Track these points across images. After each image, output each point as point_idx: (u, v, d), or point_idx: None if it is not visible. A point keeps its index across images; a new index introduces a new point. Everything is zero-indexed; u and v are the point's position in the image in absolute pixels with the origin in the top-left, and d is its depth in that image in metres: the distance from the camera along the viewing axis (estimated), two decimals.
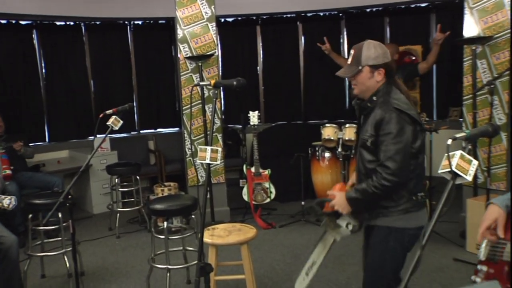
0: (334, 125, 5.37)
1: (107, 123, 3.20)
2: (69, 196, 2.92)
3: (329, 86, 7.45)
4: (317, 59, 7.03)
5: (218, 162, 2.23)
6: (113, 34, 7.27)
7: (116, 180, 5.66)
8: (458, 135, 1.79)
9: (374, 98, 2.48)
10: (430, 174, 4.98)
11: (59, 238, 4.42)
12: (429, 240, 1.75)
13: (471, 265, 4.03)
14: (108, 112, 3.24)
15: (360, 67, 2.46)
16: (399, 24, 7.18)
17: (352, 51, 2.52)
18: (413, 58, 6.29)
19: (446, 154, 1.71)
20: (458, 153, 1.71)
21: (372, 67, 2.46)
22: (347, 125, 5.36)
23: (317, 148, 5.87)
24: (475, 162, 1.72)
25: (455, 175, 1.70)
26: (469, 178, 1.70)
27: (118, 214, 5.54)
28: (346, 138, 5.29)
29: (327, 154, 5.81)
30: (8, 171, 4.90)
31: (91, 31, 7.08)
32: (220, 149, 2.24)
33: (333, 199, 2.57)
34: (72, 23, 6.87)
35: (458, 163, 1.70)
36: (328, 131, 5.30)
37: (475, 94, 4.77)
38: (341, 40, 7.44)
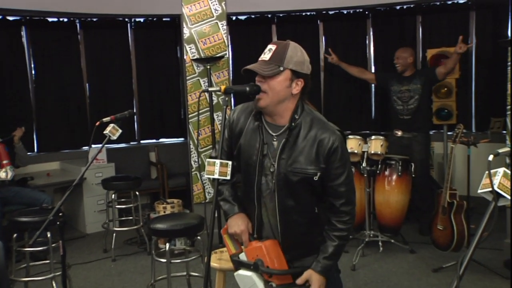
0: (358, 137, 5.35)
1: (104, 132, 3.22)
2: (60, 214, 2.92)
3: (353, 92, 7.44)
4: (334, 63, 7.03)
5: (228, 177, 2.23)
6: (111, 33, 7.35)
7: (113, 195, 5.68)
8: (501, 150, 1.78)
9: (296, 116, 2.28)
10: (468, 194, 4.93)
11: (47, 261, 4.44)
12: (467, 270, 1.74)
13: None
14: (105, 119, 3.26)
15: (281, 68, 2.22)
16: (434, 24, 7.16)
17: (272, 46, 2.28)
18: None
19: (487, 172, 1.69)
20: (501, 170, 1.70)
21: (293, 73, 2.25)
22: (373, 137, 5.34)
23: None
24: None
25: (497, 196, 1.69)
26: None
27: (114, 234, 5.56)
28: (372, 152, 5.27)
29: None
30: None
31: (87, 29, 7.16)
32: (230, 162, 2.24)
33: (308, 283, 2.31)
34: (65, 19, 6.96)
35: (501, 182, 1.69)
36: (352, 144, 5.28)
37: None
38: (367, 42, 7.44)
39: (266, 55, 2.26)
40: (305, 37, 7.48)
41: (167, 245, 3.87)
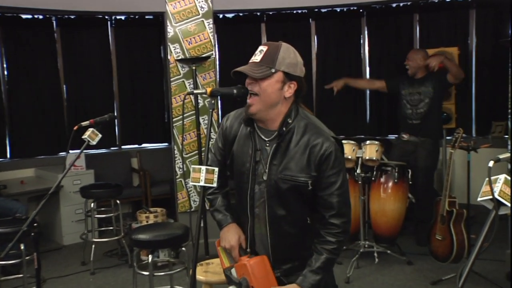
0: (352, 142, 5.37)
1: (83, 137, 3.21)
2: (35, 224, 2.91)
3: (346, 95, 7.46)
4: (333, 63, 7.06)
5: (215, 184, 2.23)
6: (90, 31, 7.32)
7: (92, 204, 5.65)
8: (502, 156, 1.79)
9: (290, 120, 2.29)
10: (468, 202, 4.96)
11: (21, 275, 4.41)
12: (467, 282, 1.75)
13: None
14: (84, 123, 3.25)
15: (272, 70, 2.23)
16: (432, 22, 7.20)
17: (264, 48, 2.29)
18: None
19: (487, 179, 1.70)
20: (502, 177, 1.71)
21: (286, 76, 2.26)
22: (368, 142, 5.36)
23: None
24: None
25: (498, 204, 1.70)
26: None
27: (93, 246, 5.52)
28: (367, 157, 5.29)
29: None
30: None
31: (64, 27, 7.13)
32: (217, 169, 2.24)
33: None
34: (41, 16, 6.92)
35: (502, 189, 1.70)
36: (345, 149, 5.30)
37: None
38: (361, 41, 7.48)
39: (257, 57, 2.27)
40: (296, 36, 7.51)
41: (150, 257, 3.86)
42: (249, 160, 2.33)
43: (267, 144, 2.32)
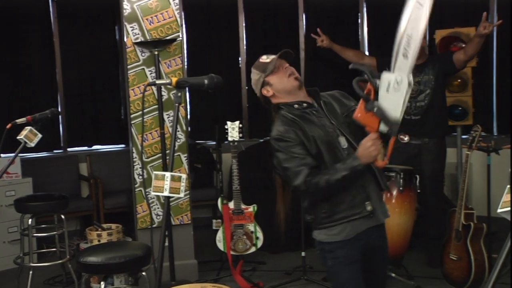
0: None
1: (18, 137, 3.20)
2: None
3: (340, 85, 7.48)
4: (324, 48, 7.05)
5: (182, 194, 2.24)
6: (25, 5, 7.25)
7: (30, 221, 5.61)
8: None
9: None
10: (489, 214, 5.00)
11: None
12: None
13: None
14: (19, 121, 3.24)
15: None
16: None
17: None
18: (464, 46, 6.32)
19: (508, 186, 1.73)
20: None
21: None
22: None
23: None
24: None
25: None
26: None
27: (30, 272, 5.48)
28: None
29: None
30: None
31: None
32: (184, 176, 2.25)
33: None
34: None
35: None
36: None
37: None
38: (359, 21, 7.51)
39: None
40: (280, 14, 7.52)
41: (103, 284, 3.85)
42: (329, 127, 3.11)
43: (314, 109, 3.17)
